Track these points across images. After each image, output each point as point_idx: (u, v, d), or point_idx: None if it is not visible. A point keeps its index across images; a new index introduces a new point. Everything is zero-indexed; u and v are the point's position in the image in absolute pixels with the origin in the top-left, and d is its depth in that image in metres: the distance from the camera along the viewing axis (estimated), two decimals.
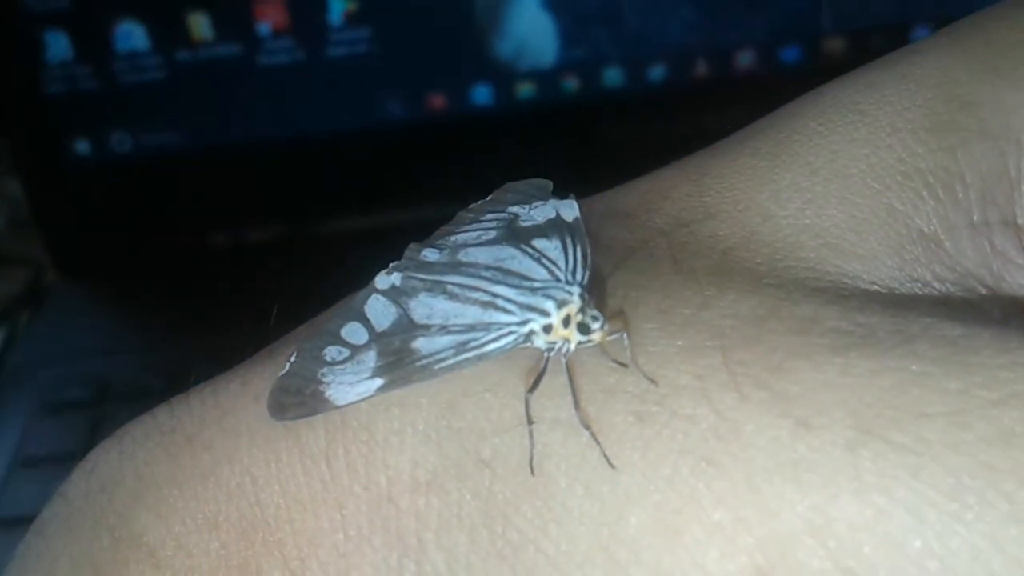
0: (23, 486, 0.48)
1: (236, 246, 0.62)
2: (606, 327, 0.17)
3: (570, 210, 0.19)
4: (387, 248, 0.20)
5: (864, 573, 0.14)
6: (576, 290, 0.18)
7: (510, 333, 0.17)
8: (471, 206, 0.21)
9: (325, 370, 0.18)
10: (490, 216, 0.20)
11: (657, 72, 0.59)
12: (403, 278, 0.19)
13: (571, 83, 0.59)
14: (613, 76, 0.59)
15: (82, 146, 0.59)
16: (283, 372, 0.18)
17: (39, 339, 0.59)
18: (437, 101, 0.59)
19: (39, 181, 0.60)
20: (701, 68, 0.59)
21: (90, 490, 0.19)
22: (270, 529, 0.18)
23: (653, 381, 0.16)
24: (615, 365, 0.17)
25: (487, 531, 0.16)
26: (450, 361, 0.17)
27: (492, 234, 0.19)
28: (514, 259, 0.18)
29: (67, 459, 0.20)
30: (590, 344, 0.17)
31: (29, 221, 0.62)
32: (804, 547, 0.15)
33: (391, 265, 0.19)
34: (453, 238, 0.19)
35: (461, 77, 0.59)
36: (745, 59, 0.59)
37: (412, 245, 0.19)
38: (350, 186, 0.61)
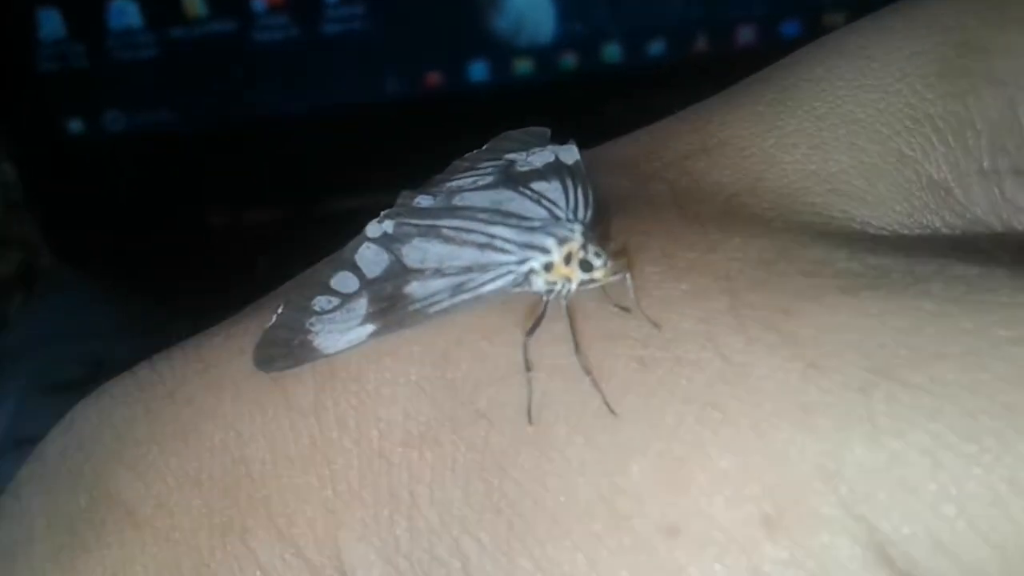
0: (16, 467, 0.48)
1: (232, 225, 0.62)
2: (609, 264, 0.16)
3: (569, 154, 0.19)
4: None
5: (877, 520, 0.14)
6: (577, 227, 0.17)
7: (508, 273, 0.17)
8: (466, 155, 0.20)
9: (313, 319, 0.17)
10: (486, 163, 0.19)
11: (656, 48, 0.58)
12: (395, 225, 0.18)
13: (569, 59, 0.59)
14: (612, 52, 0.59)
15: (75, 125, 0.58)
16: (270, 324, 0.18)
17: (33, 320, 0.58)
18: (434, 78, 0.59)
19: (32, 161, 0.59)
20: (701, 43, 0.58)
21: (67, 448, 0.18)
22: (255, 486, 0.17)
23: (657, 325, 0.16)
24: (617, 310, 0.16)
25: (483, 484, 0.16)
26: (445, 304, 0.17)
27: (489, 179, 0.18)
28: (512, 201, 0.18)
29: None
30: (593, 284, 0.17)
31: (22, 202, 0.61)
32: (815, 494, 0.14)
33: (382, 213, 0.18)
34: (447, 184, 0.19)
35: (458, 54, 0.58)
36: (745, 34, 0.58)
37: (404, 192, 0.19)
38: (347, 164, 0.60)
